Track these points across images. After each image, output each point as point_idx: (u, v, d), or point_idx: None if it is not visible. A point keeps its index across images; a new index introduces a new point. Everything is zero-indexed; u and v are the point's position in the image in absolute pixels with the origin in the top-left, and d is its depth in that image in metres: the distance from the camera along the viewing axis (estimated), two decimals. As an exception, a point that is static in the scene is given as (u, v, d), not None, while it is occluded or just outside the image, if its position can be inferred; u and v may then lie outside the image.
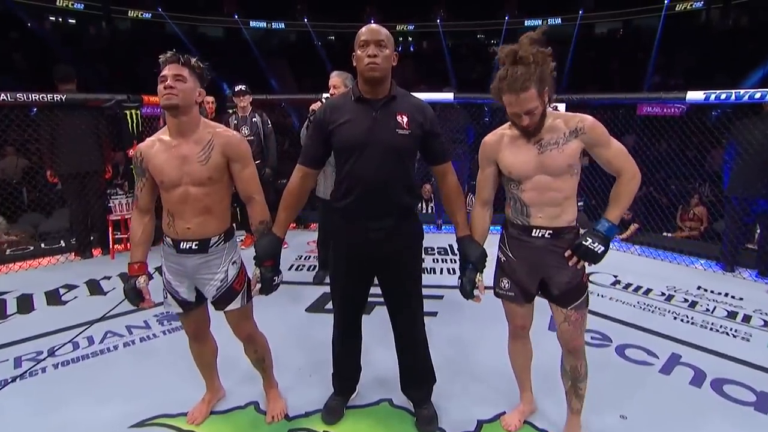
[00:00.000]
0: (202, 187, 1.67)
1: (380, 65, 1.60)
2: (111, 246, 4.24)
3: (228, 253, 1.78)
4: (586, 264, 1.66)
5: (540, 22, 16.54)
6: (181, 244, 1.72)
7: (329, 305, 3.08)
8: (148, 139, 1.76)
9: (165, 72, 1.63)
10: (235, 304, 1.80)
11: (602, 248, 1.60)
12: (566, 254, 1.65)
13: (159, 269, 1.89)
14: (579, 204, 1.91)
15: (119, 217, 4.26)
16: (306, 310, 3.11)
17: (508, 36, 16.56)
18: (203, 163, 1.65)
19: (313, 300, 3.23)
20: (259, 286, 1.74)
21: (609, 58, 14.82)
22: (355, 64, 1.66)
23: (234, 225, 1.83)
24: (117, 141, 4.45)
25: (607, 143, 1.61)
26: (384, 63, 1.61)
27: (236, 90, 4.20)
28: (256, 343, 1.95)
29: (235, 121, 4.22)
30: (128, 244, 4.33)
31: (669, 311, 3.13)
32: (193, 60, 1.68)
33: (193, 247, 1.71)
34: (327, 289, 2.09)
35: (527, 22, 16.55)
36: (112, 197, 4.27)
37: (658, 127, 4.90)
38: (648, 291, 3.45)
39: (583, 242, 1.61)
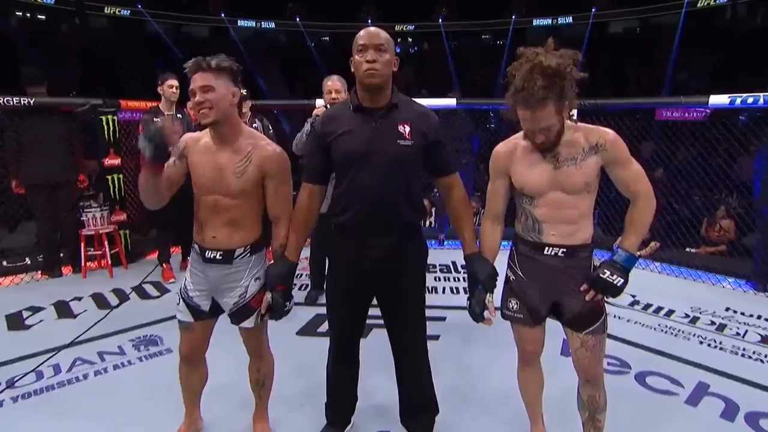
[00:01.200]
0: (233, 199, 1.74)
1: (380, 71, 1.63)
2: (83, 264, 4.23)
3: (253, 267, 1.82)
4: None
5: (550, 21, 16.80)
6: (207, 252, 1.78)
7: (323, 328, 3.08)
8: (195, 133, 1.82)
9: (192, 86, 1.67)
10: (249, 322, 1.84)
11: (622, 281, 1.61)
12: (582, 288, 1.67)
13: (137, 288, 1.89)
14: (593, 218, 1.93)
15: (93, 232, 4.27)
16: (297, 333, 3.10)
17: (515, 36, 16.76)
18: (238, 176, 1.72)
19: (306, 322, 3.22)
20: (269, 311, 1.79)
21: (624, 60, 14.96)
22: (353, 70, 1.69)
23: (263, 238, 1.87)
24: (91, 149, 4.48)
25: (626, 163, 1.63)
26: (384, 69, 1.64)
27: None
28: (262, 362, 2.00)
29: None
30: (102, 262, 4.35)
31: (694, 335, 3.12)
32: (217, 60, 1.68)
33: (218, 257, 1.77)
34: (320, 310, 2.09)
35: (536, 22, 16.78)
36: (85, 210, 4.27)
37: (678, 133, 4.92)
38: (670, 312, 3.45)
39: (601, 275, 1.62)
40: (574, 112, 4.24)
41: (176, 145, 1.79)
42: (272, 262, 1.84)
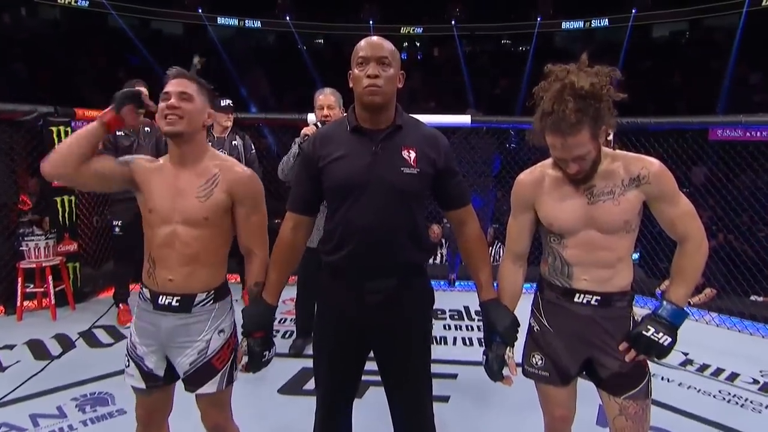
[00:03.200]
0: (194, 229, 1.73)
1: (382, 88, 1.66)
2: (19, 303, 4.20)
3: (216, 317, 1.80)
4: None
5: (582, 23, 17.14)
6: (160, 298, 1.75)
7: (310, 385, 3.04)
8: (155, 161, 1.85)
9: (169, 88, 1.72)
10: (210, 387, 1.80)
11: (669, 340, 1.61)
12: (621, 347, 1.66)
13: (85, 333, 1.88)
14: (633, 257, 1.94)
15: (34, 265, 4.26)
16: (279, 391, 3.07)
17: (540, 41, 17.07)
18: (202, 200, 1.72)
19: (289, 377, 3.20)
20: (245, 360, 1.78)
21: (671, 69, 15.15)
22: (351, 85, 1.72)
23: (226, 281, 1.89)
24: (37, 165, 4.51)
25: (673, 199, 1.65)
26: (387, 86, 1.67)
27: (222, 106, 4.30)
28: None
29: (209, 143, 4.30)
30: (44, 301, 4.33)
31: (766, 406, 3.06)
32: (203, 80, 1.79)
33: (173, 303, 1.75)
34: (308, 363, 2.06)
35: (565, 24, 17.10)
36: (26, 238, 4.28)
37: (738, 156, 4.85)
38: (734, 376, 3.40)
39: (644, 332, 1.62)
40: (610, 134, 4.31)
41: (124, 160, 1.80)
42: (247, 304, 1.84)
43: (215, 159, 1.81)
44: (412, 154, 1.71)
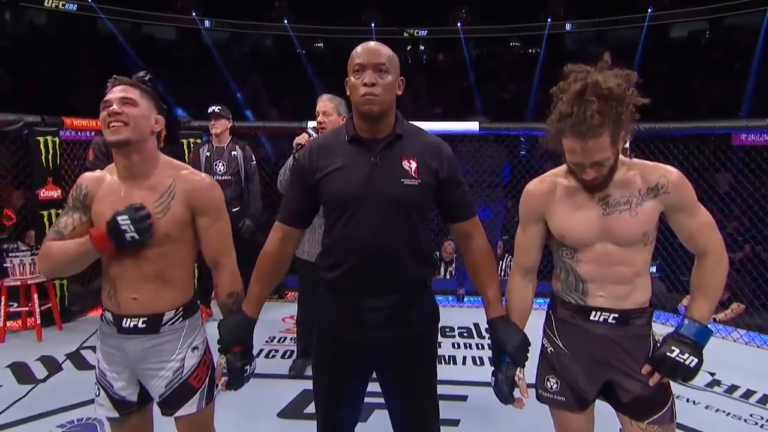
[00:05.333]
0: (156, 247, 1.70)
1: (380, 97, 1.66)
2: (2, 323, 4.20)
3: (188, 334, 1.79)
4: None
5: (594, 24, 17.20)
6: (124, 321, 1.72)
7: (310, 408, 3.02)
8: (98, 171, 1.82)
9: (109, 95, 1.70)
10: (189, 408, 1.78)
11: (695, 361, 1.60)
12: (644, 371, 1.66)
13: (73, 355, 1.88)
14: (652, 270, 1.93)
15: (18, 283, 4.26)
16: (279, 414, 3.06)
17: (551, 44, 17.13)
18: (159, 216, 1.69)
19: (289, 400, 3.19)
20: (225, 378, 1.76)
21: (691, 71, 15.15)
22: (348, 93, 1.73)
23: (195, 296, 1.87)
24: (23, 177, 4.52)
25: (693, 209, 1.65)
26: (385, 94, 1.68)
27: (209, 112, 4.36)
28: None
29: (208, 153, 4.36)
30: (29, 321, 4.33)
31: (799, 429, 3.02)
32: (148, 84, 1.77)
33: (140, 325, 1.72)
34: (308, 384, 2.05)
35: (576, 25, 17.15)
36: (10, 254, 4.29)
37: (761, 162, 4.85)
38: (765, 399, 3.37)
39: (668, 353, 1.61)
40: (627, 141, 4.32)
41: (77, 191, 1.76)
42: (222, 318, 1.82)
43: (169, 168, 1.77)
44: (413, 165, 1.71)
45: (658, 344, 1.68)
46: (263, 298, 1.84)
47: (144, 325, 1.72)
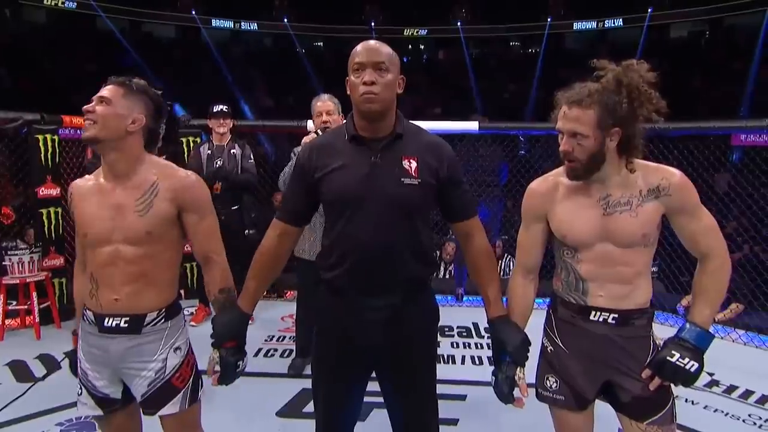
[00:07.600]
0: (137, 247, 1.70)
1: (380, 96, 1.66)
2: (0, 321, 4.19)
3: (170, 335, 1.78)
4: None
5: (594, 24, 17.24)
6: (106, 320, 1.72)
7: (309, 407, 3.02)
8: (87, 175, 1.83)
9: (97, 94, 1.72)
10: (172, 407, 1.77)
11: (696, 365, 1.60)
12: (645, 375, 1.65)
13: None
14: (652, 270, 1.93)
15: (17, 281, 4.26)
16: (278, 414, 3.05)
17: (551, 43, 17.14)
18: (141, 214, 1.69)
19: (288, 399, 3.18)
20: (217, 373, 1.76)
21: (691, 71, 15.18)
22: (348, 92, 1.73)
23: (181, 295, 1.86)
24: (22, 175, 4.52)
25: (695, 212, 1.65)
26: (385, 92, 1.68)
27: (214, 111, 4.36)
28: None
29: (209, 151, 4.35)
30: (27, 319, 4.33)
31: (798, 429, 3.01)
32: (141, 84, 1.77)
33: (122, 325, 1.72)
34: (307, 383, 2.05)
35: (576, 25, 17.19)
36: (9, 252, 4.29)
37: (764, 161, 4.83)
38: (764, 399, 3.36)
39: (668, 358, 1.61)
40: (615, 140, 4.31)
41: (69, 199, 1.81)
42: (215, 313, 1.82)
43: (153, 166, 1.76)
44: (413, 164, 1.71)
45: (659, 347, 1.68)
46: (259, 295, 1.84)
47: (126, 325, 1.72)
